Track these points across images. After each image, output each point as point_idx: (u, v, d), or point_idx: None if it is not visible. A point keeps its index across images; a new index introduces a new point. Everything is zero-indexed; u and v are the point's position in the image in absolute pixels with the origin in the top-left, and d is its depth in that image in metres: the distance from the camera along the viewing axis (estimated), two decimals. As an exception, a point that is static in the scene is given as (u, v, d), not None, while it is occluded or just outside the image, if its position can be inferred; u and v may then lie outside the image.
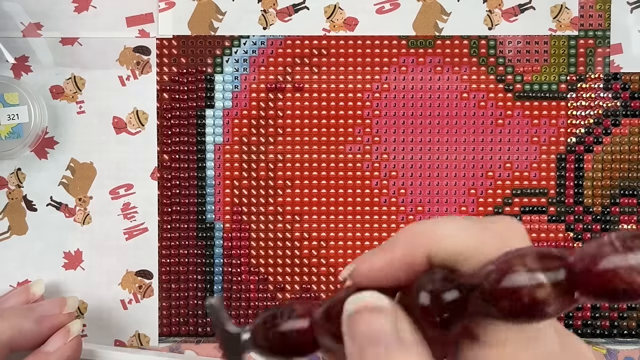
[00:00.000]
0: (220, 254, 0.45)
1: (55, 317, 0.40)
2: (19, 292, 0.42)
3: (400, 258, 0.23)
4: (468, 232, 0.22)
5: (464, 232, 0.22)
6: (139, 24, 0.44)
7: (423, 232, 0.23)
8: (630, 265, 0.17)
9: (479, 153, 0.44)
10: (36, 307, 0.40)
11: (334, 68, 0.44)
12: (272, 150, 0.44)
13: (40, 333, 0.39)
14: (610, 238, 0.18)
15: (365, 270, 0.24)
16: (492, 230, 0.22)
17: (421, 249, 0.22)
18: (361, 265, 0.24)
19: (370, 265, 0.23)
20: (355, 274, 0.24)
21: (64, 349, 0.39)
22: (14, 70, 0.44)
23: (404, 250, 0.23)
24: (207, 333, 0.45)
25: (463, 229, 0.22)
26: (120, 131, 0.44)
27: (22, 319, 0.39)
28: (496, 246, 0.21)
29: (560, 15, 0.44)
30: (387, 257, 0.23)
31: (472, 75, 0.44)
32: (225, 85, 0.44)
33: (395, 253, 0.23)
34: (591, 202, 0.44)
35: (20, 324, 0.38)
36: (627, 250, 0.17)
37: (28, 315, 0.39)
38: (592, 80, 0.44)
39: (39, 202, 0.44)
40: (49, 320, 0.40)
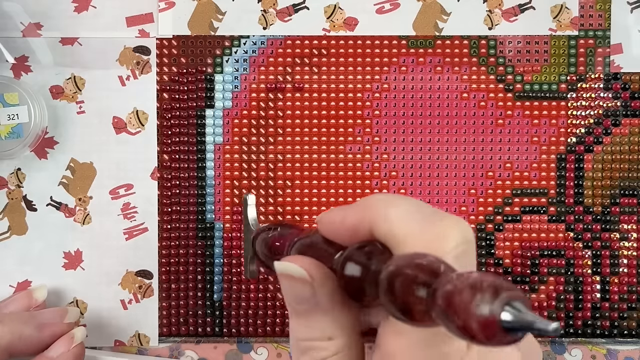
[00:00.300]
0: (220, 254, 0.45)
1: (56, 325, 0.40)
2: (21, 297, 0.42)
3: (349, 222, 0.25)
4: (411, 221, 0.23)
5: (408, 220, 0.23)
6: (139, 24, 0.44)
7: (374, 206, 0.24)
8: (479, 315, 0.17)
9: (479, 153, 0.44)
10: (37, 315, 0.40)
11: (334, 68, 0.44)
12: (272, 150, 0.44)
13: (41, 340, 0.39)
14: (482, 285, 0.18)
15: (325, 223, 0.26)
16: (434, 227, 0.22)
17: (367, 221, 0.24)
18: (324, 217, 0.26)
19: (329, 219, 0.26)
20: (319, 223, 0.27)
21: (67, 355, 0.39)
22: (13, 70, 0.44)
23: (354, 217, 0.25)
24: (207, 333, 0.45)
25: (410, 216, 0.23)
26: (120, 131, 0.44)
27: (22, 325, 0.39)
28: (424, 244, 0.22)
29: (560, 15, 0.44)
30: (341, 218, 0.25)
31: (472, 75, 0.44)
32: (225, 85, 0.44)
33: (347, 217, 0.25)
34: (591, 202, 0.44)
35: (20, 330, 0.38)
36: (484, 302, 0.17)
37: (29, 321, 0.39)
38: (592, 80, 0.44)
39: (38, 202, 0.44)
40: (49, 327, 0.40)
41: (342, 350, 0.25)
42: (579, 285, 0.45)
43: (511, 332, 0.17)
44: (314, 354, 0.25)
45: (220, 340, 0.45)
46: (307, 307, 0.25)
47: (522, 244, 0.44)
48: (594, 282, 0.45)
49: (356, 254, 0.23)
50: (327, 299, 0.25)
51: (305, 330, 0.25)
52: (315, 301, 0.25)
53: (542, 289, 0.45)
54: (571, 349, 0.44)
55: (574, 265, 0.45)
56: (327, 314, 0.25)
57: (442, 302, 0.18)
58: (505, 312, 0.17)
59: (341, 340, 0.25)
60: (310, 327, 0.25)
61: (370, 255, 0.23)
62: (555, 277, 0.45)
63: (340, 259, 0.24)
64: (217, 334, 0.45)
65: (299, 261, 0.25)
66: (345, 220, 0.25)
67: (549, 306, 0.45)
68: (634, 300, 0.45)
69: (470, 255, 0.23)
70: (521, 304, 0.17)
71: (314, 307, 0.25)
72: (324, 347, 0.25)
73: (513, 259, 0.45)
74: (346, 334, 0.25)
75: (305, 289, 0.25)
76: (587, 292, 0.45)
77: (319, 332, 0.25)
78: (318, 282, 0.25)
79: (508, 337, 0.17)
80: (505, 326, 0.17)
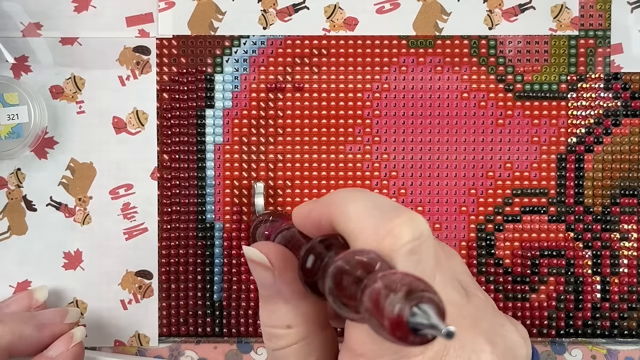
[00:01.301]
0: (220, 254, 0.45)
1: (56, 326, 0.40)
2: (22, 298, 0.42)
3: (313, 217, 0.26)
4: (368, 217, 0.23)
5: (364, 216, 0.23)
6: (139, 24, 0.44)
7: (335, 202, 0.25)
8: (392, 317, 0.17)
9: (479, 153, 0.44)
10: (37, 315, 0.40)
11: (334, 68, 0.44)
12: (272, 150, 0.44)
13: (41, 340, 0.39)
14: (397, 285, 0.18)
15: (296, 216, 0.27)
16: (388, 223, 0.22)
17: (327, 217, 0.25)
18: (295, 210, 0.27)
19: (298, 213, 0.27)
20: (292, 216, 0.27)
21: (67, 354, 0.39)
22: (13, 70, 0.44)
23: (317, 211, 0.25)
24: (207, 333, 0.45)
25: (367, 212, 0.23)
26: (120, 131, 0.44)
27: (22, 325, 0.39)
28: (376, 240, 0.22)
29: (561, 15, 0.44)
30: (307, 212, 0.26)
31: (472, 75, 0.44)
32: (225, 85, 0.44)
33: (312, 211, 0.26)
34: (591, 202, 0.44)
35: (20, 330, 0.38)
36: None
37: (29, 321, 0.39)
38: (592, 80, 0.44)
39: (38, 202, 0.44)
40: (49, 328, 0.40)
41: (302, 340, 0.26)
42: (579, 286, 0.45)
43: (419, 332, 0.17)
44: (275, 341, 0.26)
45: (220, 340, 0.45)
46: (270, 293, 0.26)
47: (522, 244, 0.44)
48: (594, 282, 0.45)
49: (316, 246, 0.24)
50: (287, 288, 0.25)
51: (268, 316, 0.26)
52: (277, 288, 0.26)
53: (542, 289, 0.45)
54: (571, 349, 0.44)
55: (574, 265, 0.45)
56: (288, 302, 0.26)
57: (366, 299, 0.19)
58: (414, 312, 0.17)
59: (301, 329, 0.25)
60: (272, 313, 0.26)
61: (329, 248, 0.24)
62: (556, 277, 0.45)
63: (299, 251, 0.25)
64: (217, 334, 0.45)
65: (263, 247, 0.26)
66: (311, 215, 0.26)
67: (549, 306, 0.45)
68: (634, 301, 0.45)
69: (425, 251, 0.23)
70: (429, 307, 0.17)
71: (275, 294, 0.26)
72: (283, 335, 0.26)
73: (513, 259, 0.44)
74: (306, 324, 0.26)
75: (267, 275, 0.26)
76: (588, 292, 0.45)
77: (279, 319, 0.26)
78: (279, 270, 0.25)
79: (417, 337, 0.17)
80: (411, 326, 0.17)
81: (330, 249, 0.23)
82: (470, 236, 0.44)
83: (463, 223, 0.44)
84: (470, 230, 0.44)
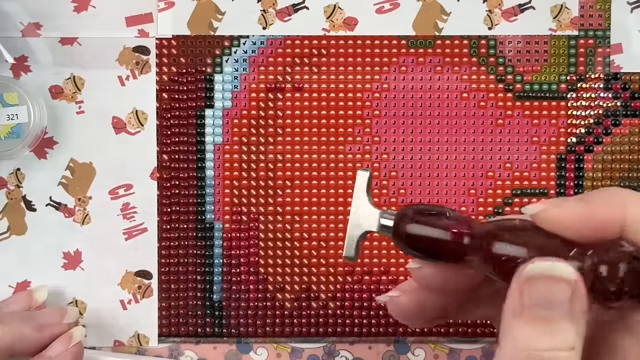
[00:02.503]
0: (220, 254, 0.45)
1: (56, 326, 0.40)
2: (21, 297, 0.42)
3: (597, 218, 0.23)
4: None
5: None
6: (139, 24, 0.44)
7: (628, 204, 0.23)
8: None
9: (479, 153, 0.44)
10: (37, 315, 0.40)
11: (334, 68, 0.44)
12: (272, 150, 0.44)
13: (41, 340, 0.39)
14: None
15: (556, 215, 0.24)
16: None
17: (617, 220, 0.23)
18: (553, 209, 0.24)
19: (564, 212, 0.24)
20: (543, 215, 0.25)
21: (65, 354, 0.39)
22: (13, 70, 0.44)
23: (602, 213, 0.23)
24: (207, 333, 0.45)
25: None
26: (119, 131, 0.44)
27: (22, 325, 0.39)
28: None
29: (560, 15, 0.44)
30: (583, 211, 0.23)
31: (472, 75, 0.44)
32: (225, 85, 0.44)
33: (594, 211, 0.23)
34: (591, 202, 0.44)
35: (20, 330, 0.38)
36: None
37: (29, 321, 0.39)
38: (592, 80, 0.44)
39: (38, 202, 0.44)
40: (49, 328, 0.40)
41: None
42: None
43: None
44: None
45: (219, 340, 0.45)
46: (558, 313, 0.23)
47: (522, 244, 0.44)
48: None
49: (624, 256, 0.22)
50: (580, 305, 0.23)
51: (546, 340, 0.23)
52: (569, 307, 0.23)
53: (542, 289, 0.45)
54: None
55: (574, 265, 0.44)
56: (573, 322, 0.23)
57: None
58: None
59: (579, 350, 0.23)
60: (553, 335, 0.23)
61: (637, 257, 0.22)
62: (555, 277, 0.44)
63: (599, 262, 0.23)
64: (216, 334, 0.45)
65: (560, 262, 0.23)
66: (591, 219, 0.24)
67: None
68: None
69: None
70: None
71: (565, 313, 0.23)
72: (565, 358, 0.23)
73: (513, 259, 0.44)
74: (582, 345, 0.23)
75: (565, 293, 0.23)
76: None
77: (563, 341, 0.23)
78: (579, 285, 0.23)
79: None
80: None
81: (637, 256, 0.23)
82: (470, 236, 0.44)
83: (463, 223, 0.44)
84: (470, 230, 0.44)
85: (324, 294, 0.45)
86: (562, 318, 0.23)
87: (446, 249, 0.27)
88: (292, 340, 0.45)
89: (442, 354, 0.44)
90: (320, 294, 0.44)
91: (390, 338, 0.45)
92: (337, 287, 0.44)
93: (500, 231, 0.26)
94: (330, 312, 0.45)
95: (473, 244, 0.26)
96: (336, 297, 0.45)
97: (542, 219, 0.25)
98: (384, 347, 0.45)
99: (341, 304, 0.44)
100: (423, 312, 0.31)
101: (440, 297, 0.30)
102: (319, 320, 0.45)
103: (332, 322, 0.45)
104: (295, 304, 0.45)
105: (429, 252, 0.28)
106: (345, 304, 0.44)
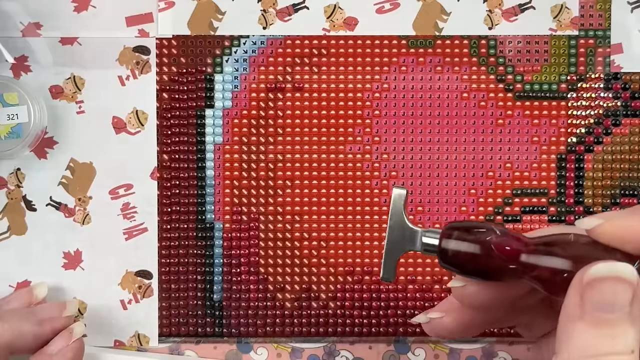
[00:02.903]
0: (220, 254, 0.45)
1: (56, 320, 0.40)
2: (22, 294, 0.42)
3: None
4: None
5: None
6: (139, 24, 0.44)
7: None
8: None
9: (479, 153, 0.44)
10: (37, 310, 0.40)
11: (334, 68, 0.44)
12: (272, 150, 0.44)
13: (41, 336, 0.39)
14: None
15: (615, 229, 0.24)
16: None
17: None
18: (611, 223, 0.24)
19: (623, 225, 0.24)
20: (600, 230, 0.24)
21: (66, 350, 0.39)
22: (13, 70, 0.44)
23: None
24: (207, 333, 0.45)
25: None
26: (119, 131, 0.44)
27: (22, 322, 0.39)
28: None
29: (561, 15, 0.44)
30: None
31: (472, 75, 0.44)
32: (225, 85, 0.44)
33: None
34: (591, 202, 0.44)
35: (20, 327, 0.38)
36: None
37: (29, 317, 0.39)
38: (592, 80, 0.44)
39: (38, 202, 0.44)
40: (49, 323, 0.40)
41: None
42: (579, 285, 0.45)
43: None
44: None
45: (220, 340, 0.45)
46: (619, 315, 0.23)
47: (522, 244, 0.44)
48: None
49: None
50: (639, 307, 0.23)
51: (607, 343, 0.23)
52: (630, 309, 0.23)
53: (542, 289, 0.45)
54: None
55: (574, 265, 0.44)
56: (635, 324, 0.23)
57: None
58: None
59: (637, 355, 0.23)
60: (613, 339, 0.23)
61: None
62: (556, 277, 0.44)
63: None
64: (217, 334, 0.45)
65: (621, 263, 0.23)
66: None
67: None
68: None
69: None
70: None
71: (626, 316, 0.23)
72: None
73: (513, 259, 0.44)
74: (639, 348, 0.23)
75: (627, 294, 0.23)
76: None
77: (624, 345, 0.23)
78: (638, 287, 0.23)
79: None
80: None
81: None
82: (470, 236, 0.44)
83: (463, 223, 0.44)
84: (470, 230, 0.44)
85: (324, 294, 0.45)
86: (623, 321, 0.23)
87: (498, 268, 0.26)
88: (293, 340, 0.45)
89: (442, 354, 0.44)
90: (320, 294, 0.45)
91: (391, 338, 0.45)
92: (337, 287, 0.44)
93: (557, 247, 0.25)
94: (330, 312, 0.45)
95: (527, 261, 0.26)
96: (336, 297, 0.45)
97: (600, 233, 0.25)
98: (384, 347, 0.45)
99: (341, 304, 0.45)
100: (466, 332, 0.30)
101: (485, 314, 0.30)
102: (319, 320, 0.45)
103: (333, 322, 0.45)
104: (296, 303, 0.45)
105: (479, 271, 0.27)
106: (346, 304, 0.44)
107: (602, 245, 0.25)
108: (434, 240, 0.28)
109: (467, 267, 0.27)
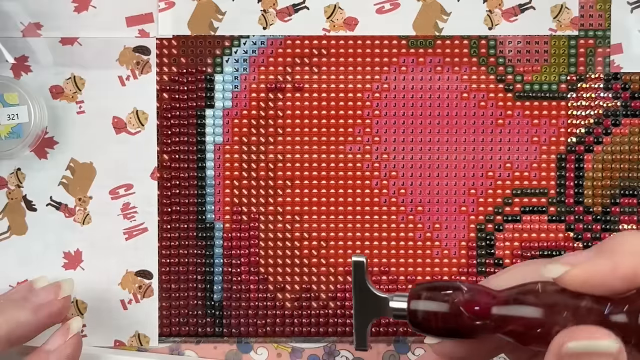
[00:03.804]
0: (220, 254, 0.45)
1: (51, 304, 0.39)
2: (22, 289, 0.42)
3: (624, 270, 0.23)
4: None
5: None
6: (139, 24, 0.44)
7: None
8: None
9: (479, 153, 0.44)
10: (31, 297, 0.40)
11: (334, 68, 0.44)
12: (272, 150, 0.44)
13: (38, 323, 0.38)
14: None
15: (581, 276, 0.24)
16: None
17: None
18: (576, 270, 0.24)
19: (589, 271, 0.23)
20: (567, 278, 0.24)
21: (64, 347, 0.39)
22: (13, 70, 0.44)
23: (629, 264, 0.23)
24: (207, 333, 0.45)
25: None
26: (120, 131, 0.44)
27: (18, 311, 0.38)
28: None
29: (561, 15, 0.44)
30: (608, 266, 0.23)
31: (472, 75, 0.44)
32: (225, 85, 0.44)
33: (619, 264, 0.23)
34: (591, 202, 0.44)
35: (16, 316, 0.38)
36: None
37: (24, 306, 0.39)
38: (592, 80, 0.44)
39: (38, 202, 0.44)
40: (45, 308, 0.39)
41: None
42: (579, 285, 0.45)
43: None
44: None
45: (220, 340, 0.45)
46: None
47: (522, 244, 0.44)
48: (594, 282, 0.45)
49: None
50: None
51: None
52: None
53: (542, 289, 0.45)
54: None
55: (574, 265, 0.44)
56: None
57: None
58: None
59: None
60: None
61: None
62: (555, 277, 0.44)
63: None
64: (217, 334, 0.45)
65: (600, 333, 0.22)
66: (618, 272, 0.23)
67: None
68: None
69: None
70: None
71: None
72: None
73: (513, 259, 0.45)
74: None
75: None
76: (587, 292, 0.45)
77: None
78: (622, 354, 0.22)
79: None
80: None
81: None
82: (470, 236, 0.44)
83: (463, 223, 0.44)
84: (470, 230, 0.44)
85: (324, 293, 0.45)
86: None
87: (469, 327, 0.26)
88: (293, 340, 0.45)
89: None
90: (320, 294, 0.45)
91: (391, 338, 0.45)
92: (337, 287, 0.45)
93: (527, 298, 0.25)
94: (330, 312, 0.45)
95: (498, 318, 0.26)
96: (336, 297, 0.45)
97: (567, 282, 0.24)
98: (384, 347, 0.45)
99: (341, 304, 0.45)
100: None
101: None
102: (319, 320, 0.45)
103: (333, 322, 0.45)
104: (296, 303, 0.45)
105: (450, 331, 0.27)
106: (346, 304, 0.44)
107: (569, 292, 0.24)
108: (402, 304, 0.28)
109: (439, 329, 0.27)
